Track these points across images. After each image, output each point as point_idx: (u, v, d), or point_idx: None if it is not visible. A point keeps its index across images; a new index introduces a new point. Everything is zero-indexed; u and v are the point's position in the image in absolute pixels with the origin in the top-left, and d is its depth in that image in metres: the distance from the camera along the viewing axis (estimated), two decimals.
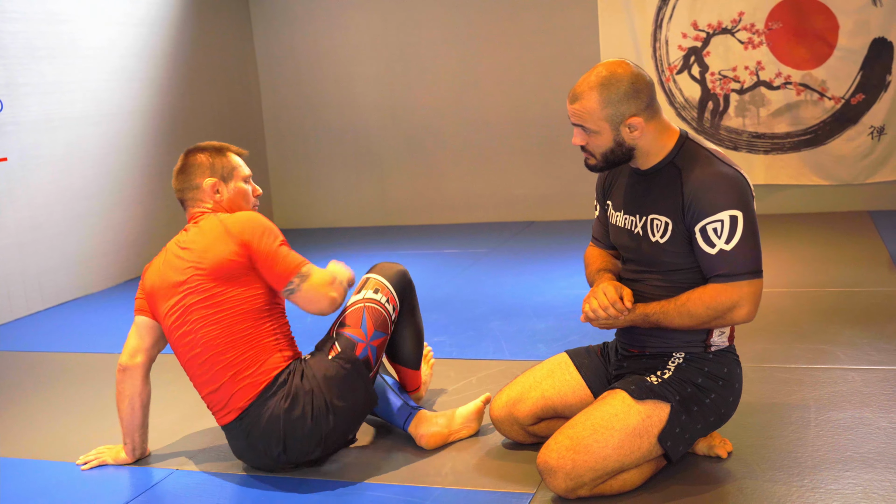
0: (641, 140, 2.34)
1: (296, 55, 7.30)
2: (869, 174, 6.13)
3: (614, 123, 2.30)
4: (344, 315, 2.69)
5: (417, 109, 7.07)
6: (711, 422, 2.40)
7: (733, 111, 6.32)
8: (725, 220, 2.25)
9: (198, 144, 2.75)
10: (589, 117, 2.31)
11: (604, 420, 2.30)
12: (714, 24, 6.24)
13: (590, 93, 2.30)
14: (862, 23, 5.92)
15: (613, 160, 2.38)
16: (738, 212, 2.25)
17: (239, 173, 2.72)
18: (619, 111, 2.29)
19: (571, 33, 6.57)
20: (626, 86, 2.29)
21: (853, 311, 3.86)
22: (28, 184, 5.21)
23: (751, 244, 2.27)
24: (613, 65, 2.33)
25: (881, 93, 5.98)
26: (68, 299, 5.44)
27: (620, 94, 2.29)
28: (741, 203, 2.26)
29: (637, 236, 2.44)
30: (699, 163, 2.31)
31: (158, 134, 6.27)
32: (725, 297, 2.27)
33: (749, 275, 2.27)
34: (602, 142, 2.34)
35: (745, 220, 2.25)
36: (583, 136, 2.36)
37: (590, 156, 2.40)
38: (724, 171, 2.28)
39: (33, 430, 3.27)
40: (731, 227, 2.25)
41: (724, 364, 2.42)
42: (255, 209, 2.75)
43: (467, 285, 4.98)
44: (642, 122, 2.31)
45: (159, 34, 6.29)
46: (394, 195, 7.28)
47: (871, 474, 2.36)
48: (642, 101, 2.31)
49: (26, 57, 5.20)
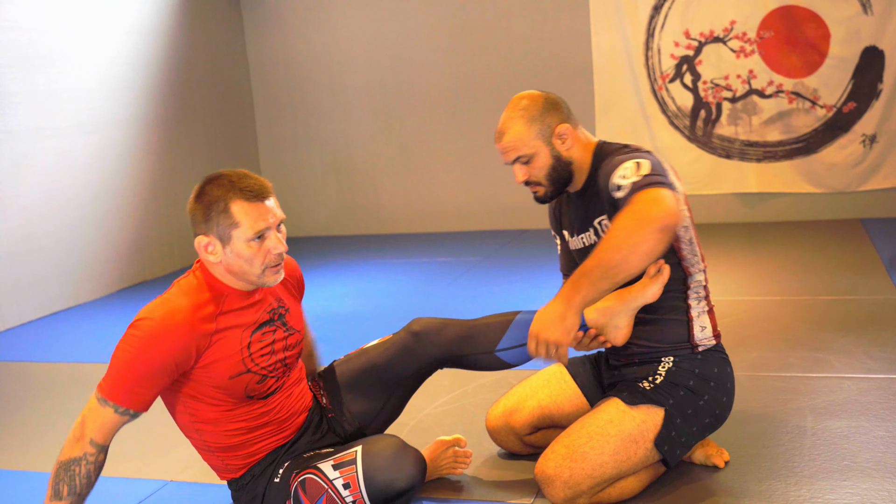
0: (574, 149, 2.39)
1: (288, 63, 7.29)
2: (861, 182, 6.15)
3: (546, 137, 2.36)
4: (307, 478, 2.20)
5: (410, 117, 7.07)
6: (707, 423, 2.39)
7: (725, 119, 6.34)
8: (630, 164, 2.20)
9: (211, 177, 2.16)
10: (521, 143, 2.36)
11: (599, 427, 2.30)
12: (706, 33, 6.26)
13: (513, 121, 2.38)
14: (853, 31, 5.95)
15: (558, 179, 2.40)
16: (644, 159, 2.21)
17: (241, 234, 2.07)
18: (545, 124, 2.36)
19: (564, 42, 6.58)
20: (542, 101, 2.38)
21: (846, 320, 3.86)
22: (20, 193, 5.18)
23: (660, 171, 2.19)
24: (519, 94, 2.42)
25: (873, 101, 6.00)
26: (60, 309, 5.41)
27: (541, 110, 2.37)
28: (646, 155, 2.25)
29: (587, 251, 2.42)
30: (607, 155, 2.36)
31: (150, 143, 6.26)
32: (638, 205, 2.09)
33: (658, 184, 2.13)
34: (542, 163, 2.38)
35: (652, 162, 2.19)
36: (523, 168, 2.39)
37: (536, 186, 2.42)
38: (628, 151, 2.30)
39: (25, 441, 3.25)
40: (637, 166, 2.18)
41: (713, 364, 2.42)
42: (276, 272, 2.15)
43: (460, 294, 4.97)
44: (570, 129, 2.38)
45: (151, 42, 6.28)
46: (386, 203, 7.27)
47: (868, 483, 2.35)
48: (562, 111, 2.40)
49: (18, 65, 5.18)
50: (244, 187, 2.08)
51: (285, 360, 2.26)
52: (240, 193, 2.07)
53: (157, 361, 2.01)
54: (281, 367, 2.25)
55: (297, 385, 2.34)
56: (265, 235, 2.09)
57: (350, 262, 6.21)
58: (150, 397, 2.05)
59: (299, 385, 2.36)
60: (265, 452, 2.27)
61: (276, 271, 2.14)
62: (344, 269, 5.99)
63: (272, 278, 2.14)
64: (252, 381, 2.17)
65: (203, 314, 2.09)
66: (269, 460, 2.28)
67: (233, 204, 2.07)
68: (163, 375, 2.04)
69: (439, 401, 3.26)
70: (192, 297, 2.10)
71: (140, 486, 2.74)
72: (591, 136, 2.46)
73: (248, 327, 2.17)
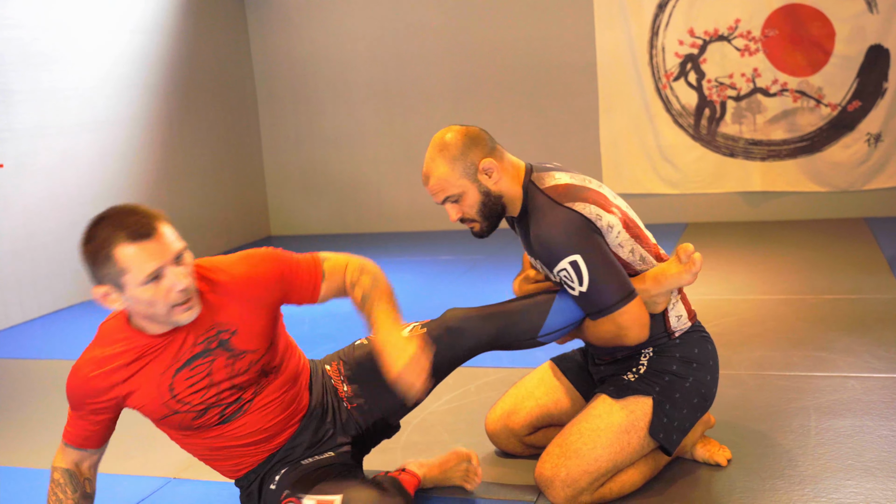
0: (502, 182, 2.36)
1: (292, 61, 7.29)
2: (866, 181, 6.13)
3: (471, 175, 2.33)
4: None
5: (413, 115, 7.07)
6: (695, 404, 2.40)
7: (730, 118, 6.32)
8: (567, 267, 2.25)
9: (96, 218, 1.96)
10: (447, 183, 2.34)
11: (589, 423, 2.33)
12: (711, 32, 6.25)
13: (436, 163, 2.35)
14: (858, 29, 5.93)
15: (491, 213, 2.38)
16: (576, 255, 2.23)
17: (133, 279, 1.91)
18: (467, 161, 2.33)
19: (568, 40, 6.57)
20: (461, 138, 2.35)
21: (851, 319, 3.85)
22: (23, 191, 5.18)
23: (605, 277, 2.24)
24: (439, 133, 2.39)
25: (877, 99, 5.98)
26: (64, 306, 5.41)
27: (461, 147, 2.33)
28: (576, 245, 2.24)
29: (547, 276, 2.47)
30: (536, 212, 2.33)
31: (153, 142, 6.26)
32: (605, 330, 2.31)
33: (616, 306, 2.26)
34: (472, 200, 2.35)
35: (587, 260, 2.23)
36: (455, 207, 2.38)
37: (471, 222, 2.41)
38: (554, 218, 2.26)
39: (29, 438, 3.25)
40: (576, 271, 2.24)
41: (693, 345, 2.43)
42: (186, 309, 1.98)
43: (463, 292, 4.97)
44: (494, 163, 2.34)
45: (155, 41, 6.28)
46: (389, 201, 7.27)
47: (872, 483, 2.35)
48: (484, 145, 2.36)
49: (21, 64, 5.18)
50: (127, 228, 1.90)
51: (237, 386, 2.13)
52: (122, 236, 1.89)
53: (76, 408, 2.12)
54: (230, 394, 2.12)
55: (281, 394, 2.22)
56: (161, 274, 1.92)
57: None
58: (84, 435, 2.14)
59: (287, 394, 2.24)
60: (250, 466, 2.24)
61: (186, 308, 1.98)
62: None
63: (183, 317, 1.99)
64: (186, 418, 2.11)
65: (111, 368, 2.05)
66: (263, 468, 2.24)
67: (116, 250, 1.89)
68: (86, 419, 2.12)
69: (443, 399, 3.26)
70: (103, 349, 2.07)
71: (143, 483, 2.74)
72: (517, 162, 2.42)
73: (168, 370, 2.06)
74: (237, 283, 2.12)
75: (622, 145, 6.55)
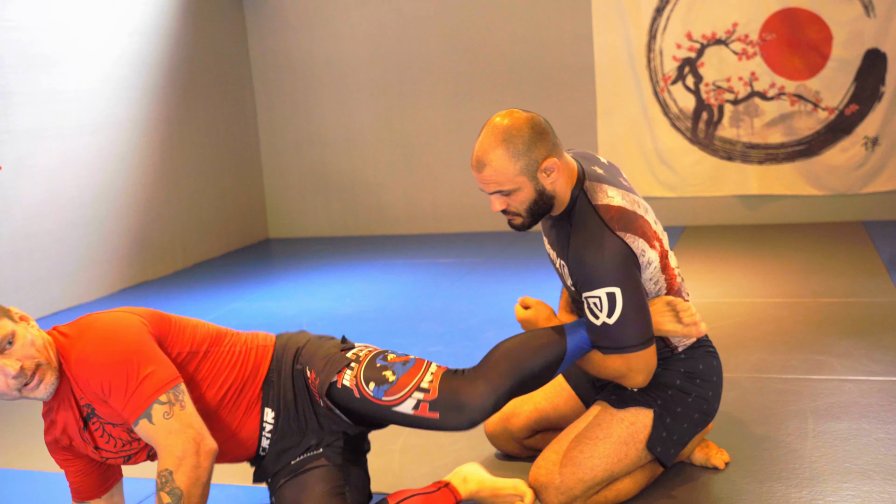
0: (558, 182, 2.22)
1: (291, 63, 7.29)
2: (863, 185, 6.15)
3: (531, 173, 2.17)
4: None
5: (412, 118, 7.07)
6: (696, 419, 2.39)
7: (727, 122, 6.34)
8: (602, 297, 2.16)
9: None
10: (504, 177, 2.16)
11: (588, 431, 2.31)
12: (708, 35, 6.26)
13: (495, 153, 2.16)
14: (855, 34, 5.95)
15: (539, 212, 2.24)
16: (616, 288, 2.16)
17: None
18: (531, 159, 2.15)
19: (566, 43, 6.58)
20: (528, 131, 2.16)
21: (848, 322, 3.86)
22: (22, 193, 5.19)
23: (634, 317, 2.17)
24: (503, 118, 2.19)
25: (875, 103, 6.00)
26: (62, 308, 5.41)
27: (526, 143, 2.15)
28: (619, 278, 2.16)
29: (560, 272, 2.42)
30: (584, 229, 2.22)
31: (153, 143, 6.26)
32: (613, 368, 2.23)
33: (635, 347, 2.19)
34: (524, 196, 2.20)
35: (624, 296, 2.16)
36: (502, 200, 2.21)
37: (514, 215, 2.26)
38: (603, 244, 2.17)
39: (30, 441, 3.25)
40: (610, 303, 2.16)
41: (697, 360, 2.40)
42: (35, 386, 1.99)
43: (463, 295, 4.97)
44: (557, 162, 2.19)
45: (154, 43, 6.29)
46: (388, 204, 7.27)
47: (869, 486, 2.35)
48: (549, 140, 2.18)
49: (21, 66, 5.19)
50: None
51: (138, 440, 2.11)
52: None
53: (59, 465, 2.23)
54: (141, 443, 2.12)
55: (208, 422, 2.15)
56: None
57: (352, 263, 6.22)
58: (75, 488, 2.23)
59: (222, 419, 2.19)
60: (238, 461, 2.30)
61: (34, 386, 1.98)
62: (346, 270, 5.99)
63: (36, 393, 2.00)
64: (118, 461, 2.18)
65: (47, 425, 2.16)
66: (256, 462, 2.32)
67: None
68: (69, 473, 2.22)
69: None
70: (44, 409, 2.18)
71: (142, 485, 2.73)
72: (572, 162, 2.28)
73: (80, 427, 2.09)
74: (78, 365, 2.01)
75: (620, 148, 6.56)
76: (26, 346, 1.97)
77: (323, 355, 2.26)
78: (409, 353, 2.32)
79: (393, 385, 2.16)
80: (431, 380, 2.16)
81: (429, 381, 2.16)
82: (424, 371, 2.19)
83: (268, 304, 5.11)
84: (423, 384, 2.15)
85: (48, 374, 1.99)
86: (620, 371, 2.23)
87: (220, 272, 6.26)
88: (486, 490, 2.33)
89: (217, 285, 5.77)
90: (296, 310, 4.92)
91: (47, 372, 1.99)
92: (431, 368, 2.20)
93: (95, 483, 2.22)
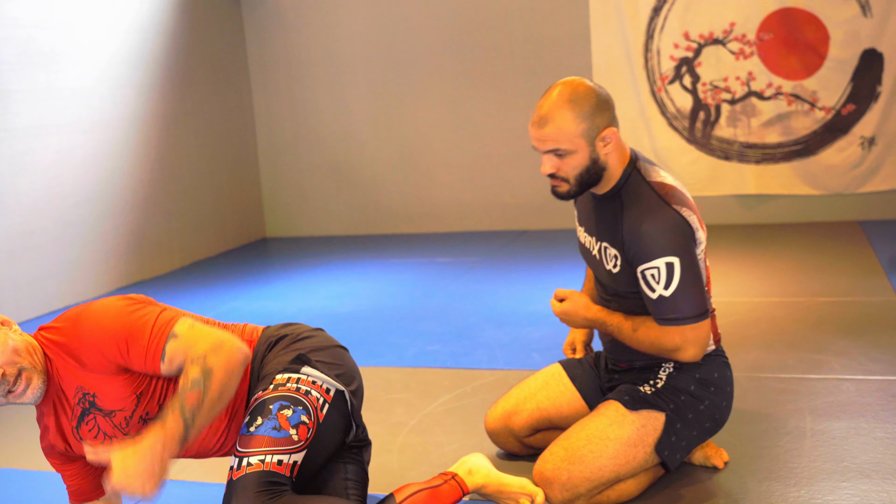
0: (612, 155, 2.27)
1: (288, 62, 7.29)
2: (859, 184, 6.16)
3: (590, 138, 2.23)
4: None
5: (410, 118, 7.07)
6: (707, 428, 2.40)
7: (724, 121, 6.34)
8: (661, 266, 2.21)
9: None
10: (564, 137, 2.21)
11: (598, 430, 2.30)
12: (706, 35, 6.27)
13: (561, 112, 2.21)
14: (852, 33, 5.95)
15: (587, 181, 2.28)
16: (675, 258, 2.20)
17: None
18: (594, 124, 2.22)
19: (564, 43, 6.58)
20: (594, 98, 2.24)
21: (845, 321, 3.87)
22: (19, 190, 5.18)
23: (691, 289, 2.22)
24: (573, 82, 2.26)
25: (871, 103, 6.01)
26: (59, 307, 5.40)
27: (592, 107, 2.22)
28: (678, 248, 2.20)
29: (595, 259, 2.43)
30: (639, 203, 2.26)
31: (150, 141, 6.25)
32: (668, 340, 2.26)
33: (691, 319, 2.23)
34: (577, 161, 2.24)
35: (682, 266, 2.20)
36: (554, 161, 2.26)
37: (561, 181, 2.29)
38: (662, 215, 2.22)
39: (30, 441, 3.24)
40: (668, 273, 2.20)
41: (714, 368, 2.41)
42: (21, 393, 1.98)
43: (460, 294, 4.97)
44: (616, 134, 2.25)
45: (151, 41, 6.28)
46: (386, 203, 7.27)
47: (867, 485, 2.36)
48: (612, 112, 2.26)
49: (18, 63, 5.18)
50: None
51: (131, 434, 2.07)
52: None
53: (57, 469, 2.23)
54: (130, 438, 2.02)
55: None
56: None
57: (349, 262, 6.21)
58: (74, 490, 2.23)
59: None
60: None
61: (22, 392, 1.96)
62: (343, 269, 5.99)
63: (24, 398, 1.99)
64: None
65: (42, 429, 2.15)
66: None
67: None
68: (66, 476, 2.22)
69: (439, 400, 3.27)
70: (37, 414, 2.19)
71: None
72: (625, 144, 2.35)
73: (72, 427, 2.09)
74: (80, 347, 2.00)
75: None
76: (7, 352, 1.94)
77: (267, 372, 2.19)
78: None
79: (251, 436, 2.02)
80: (282, 469, 1.99)
81: (278, 464, 1.99)
82: (288, 451, 2.02)
83: (265, 303, 5.11)
84: (274, 461, 1.99)
85: (34, 377, 1.97)
86: (675, 343, 2.24)
87: (217, 271, 6.25)
88: (492, 485, 2.32)
89: (214, 284, 5.77)
90: (293, 309, 4.92)
91: (33, 376, 1.97)
92: (297, 458, 2.02)
93: (93, 485, 2.22)
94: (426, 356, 3.83)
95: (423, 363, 3.72)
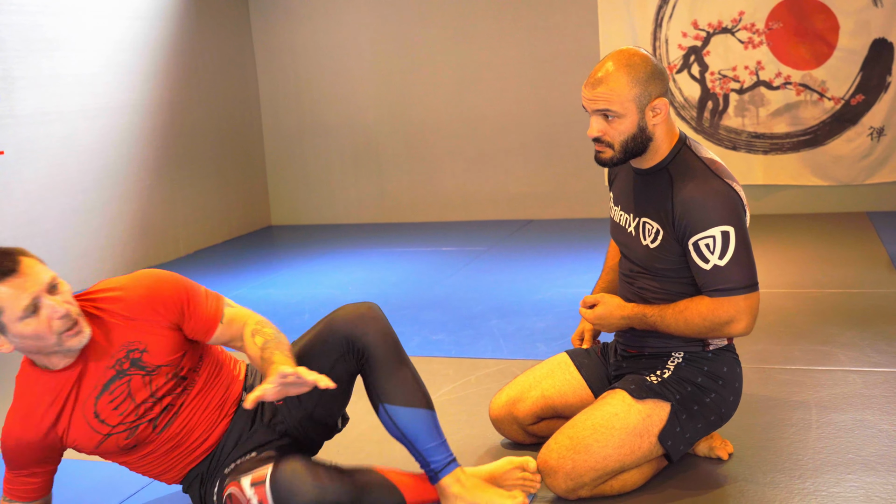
0: (660, 128, 2.30)
1: (294, 50, 7.27)
2: (868, 175, 6.12)
3: (641, 105, 2.26)
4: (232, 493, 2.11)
5: (416, 106, 7.05)
6: (712, 421, 2.38)
7: (733, 111, 6.31)
8: (717, 235, 2.24)
9: None
10: (616, 99, 2.25)
11: (604, 420, 2.29)
12: (714, 24, 6.22)
13: (616, 74, 2.26)
14: (862, 23, 5.91)
15: (632, 149, 2.31)
16: (730, 227, 2.24)
17: (10, 317, 1.94)
18: (646, 91, 2.25)
19: (571, 31, 6.55)
20: (651, 66, 2.27)
21: (852, 313, 3.84)
22: (23, 178, 5.17)
23: (744, 259, 2.26)
24: (629, 49, 2.31)
25: (881, 94, 5.97)
26: None
27: (647, 74, 2.26)
28: (732, 218, 2.25)
29: (630, 235, 2.43)
30: (691, 175, 2.28)
31: (155, 128, 6.24)
32: (722, 312, 2.26)
33: (745, 289, 2.25)
34: (626, 127, 2.27)
35: (737, 236, 2.24)
36: (603, 124, 2.29)
37: (606, 147, 2.32)
38: (715, 186, 2.26)
39: None
40: (724, 242, 2.24)
41: (723, 363, 2.40)
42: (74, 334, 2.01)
43: (465, 283, 4.96)
44: (667, 105, 2.29)
45: (157, 28, 6.26)
46: (392, 192, 7.26)
47: (873, 477, 2.34)
48: (665, 82, 2.30)
49: (23, 50, 5.17)
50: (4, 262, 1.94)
51: (157, 401, 2.13)
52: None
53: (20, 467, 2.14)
54: (156, 407, 2.13)
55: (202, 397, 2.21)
56: (38, 305, 1.95)
57: (354, 250, 6.20)
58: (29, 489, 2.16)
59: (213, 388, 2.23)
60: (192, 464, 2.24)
61: (75, 333, 2.00)
62: (348, 257, 5.98)
63: (74, 342, 2.00)
64: (120, 439, 2.12)
65: (38, 416, 2.09)
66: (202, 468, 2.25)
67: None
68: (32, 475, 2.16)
69: (443, 390, 3.26)
70: (25, 401, 2.11)
71: (124, 483, 2.71)
72: (674, 123, 2.38)
73: (89, 398, 2.09)
74: (140, 301, 2.11)
75: None
76: (66, 294, 2.02)
77: None
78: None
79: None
80: None
81: None
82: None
83: (270, 292, 5.10)
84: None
85: (85, 326, 2.03)
86: (729, 314, 2.25)
87: (222, 259, 6.25)
88: (482, 478, 2.27)
89: (219, 272, 5.77)
90: (298, 297, 4.91)
91: (84, 323, 2.03)
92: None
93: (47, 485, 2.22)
94: (430, 345, 3.82)
95: (427, 352, 3.71)
